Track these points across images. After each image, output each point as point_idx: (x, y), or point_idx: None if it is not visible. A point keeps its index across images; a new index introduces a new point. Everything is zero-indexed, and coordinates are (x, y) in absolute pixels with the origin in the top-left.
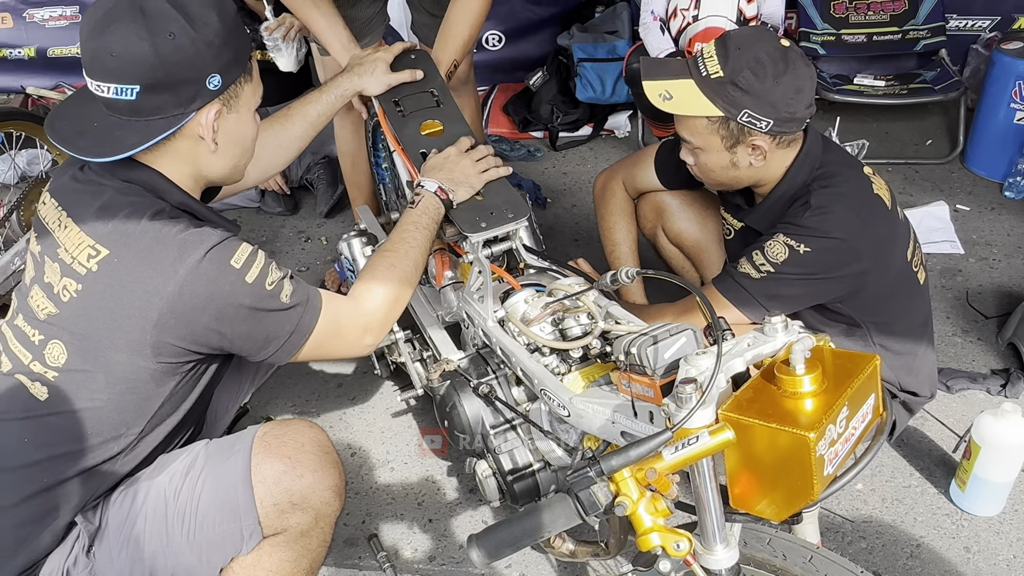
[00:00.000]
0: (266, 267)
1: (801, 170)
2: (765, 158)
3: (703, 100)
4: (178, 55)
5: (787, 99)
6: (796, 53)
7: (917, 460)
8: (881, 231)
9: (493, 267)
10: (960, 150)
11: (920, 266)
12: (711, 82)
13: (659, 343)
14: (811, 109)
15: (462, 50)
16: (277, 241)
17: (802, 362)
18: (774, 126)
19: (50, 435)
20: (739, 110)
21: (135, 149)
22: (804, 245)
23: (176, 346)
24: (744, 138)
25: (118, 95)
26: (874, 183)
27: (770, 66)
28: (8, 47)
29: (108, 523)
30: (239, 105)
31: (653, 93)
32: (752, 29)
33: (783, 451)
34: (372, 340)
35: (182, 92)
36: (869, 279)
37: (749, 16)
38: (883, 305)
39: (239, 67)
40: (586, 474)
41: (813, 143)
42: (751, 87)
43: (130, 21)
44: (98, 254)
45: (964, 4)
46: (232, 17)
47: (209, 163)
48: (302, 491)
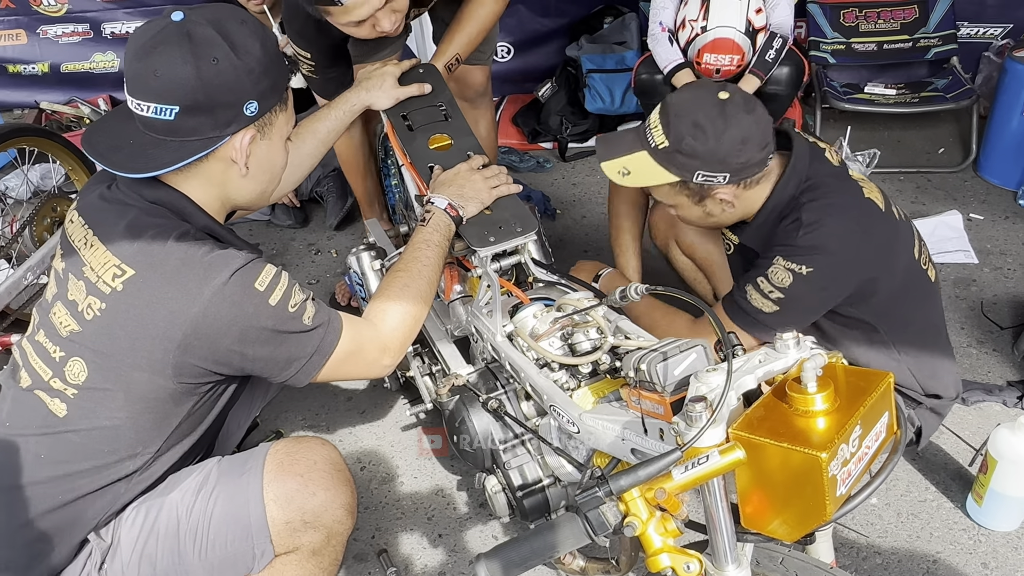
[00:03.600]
0: (289, 289)
1: (788, 186)
2: (736, 203)
3: (659, 169)
4: (219, 80)
5: (734, 152)
6: (735, 104)
7: (932, 474)
8: (879, 234)
9: (502, 281)
10: (973, 158)
11: (929, 263)
12: (660, 152)
13: (669, 359)
14: (767, 150)
15: (466, 47)
16: (287, 254)
17: (814, 380)
18: (731, 178)
19: (67, 452)
20: (692, 173)
21: (169, 167)
22: (805, 266)
23: (198, 367)
24: (708, 193)
25: (157, 114)
26: (864, 188)
27: (709, 127)
28: (22, 63)
29: (121, 540)
30: (272, 133)
31: (612, 171)
32: (689, 91)
33: (795, 471)
34: (391, 361)
35: (219, 116)
36: (879, 283)
37: (758, 26)
38: (898, 306)
39: (276, 96)
40: (595, 494)
41: (799, 157)
42: (695, 151)
43: (176, 44)
44: (123, 274)
45: (975, 11)
46: (274, 48)
47: (238, 187)
48: (314, 509)
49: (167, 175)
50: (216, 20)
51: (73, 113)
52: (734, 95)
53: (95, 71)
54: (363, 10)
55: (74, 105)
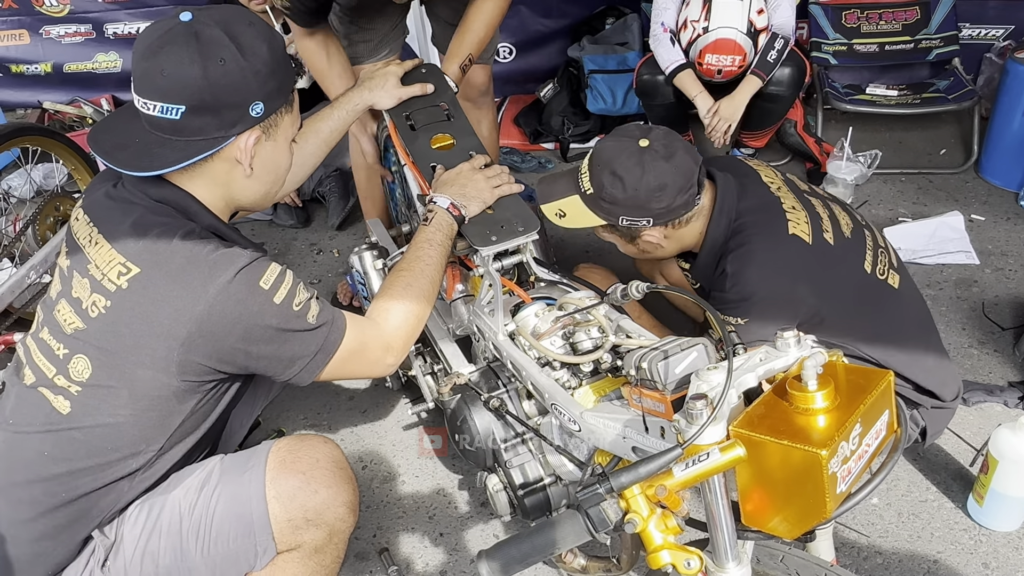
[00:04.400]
0: (294, 287)
1: (719, 226)
2: (666, 243)
3: (588, 213)
4: (226, 80)
5: (653, 198)
6: (654, 152)
7: (933, 474)
8: (807, 269)
9: (504, 280)
10: (974, 159)
11: (889, 270)
12: (588, 197)
13: (670, 358)
14: (689, 193)
15: (477, 46)
16: (289, 254)
17: (814, 378)
18: (655, 221)
19: (70, 449)
20: (616, 217)
21: (174, 166)
22: (740, 317)
23: (202, 365)
24: (637, 234)
25: (163, 113)
26: (790, 220)
27: (626, 176)
28: (25, 63)
29: (123, 537)
30: (277, 134)
31: (550, 213)
32: (613, 139)
33: (795, 468)
34: (394, 360)
35: (225, 116)
36: (823, 311)
37: (759, 27)
38: (855, 324)
39: (282, 98)
40: (596, 491)
41: (725, 196)
42: (616, 199)
43: (184, 44)
44: (129, 271)
45: (977, 13)
46: (281, 50)
47: (242, 187)
48: (316, 507)
49: (172, 174)
50: (224, 21)
51: (76, 113)
52: (654, 143)
53: (98, 71)
54: None
55: (77, 105)
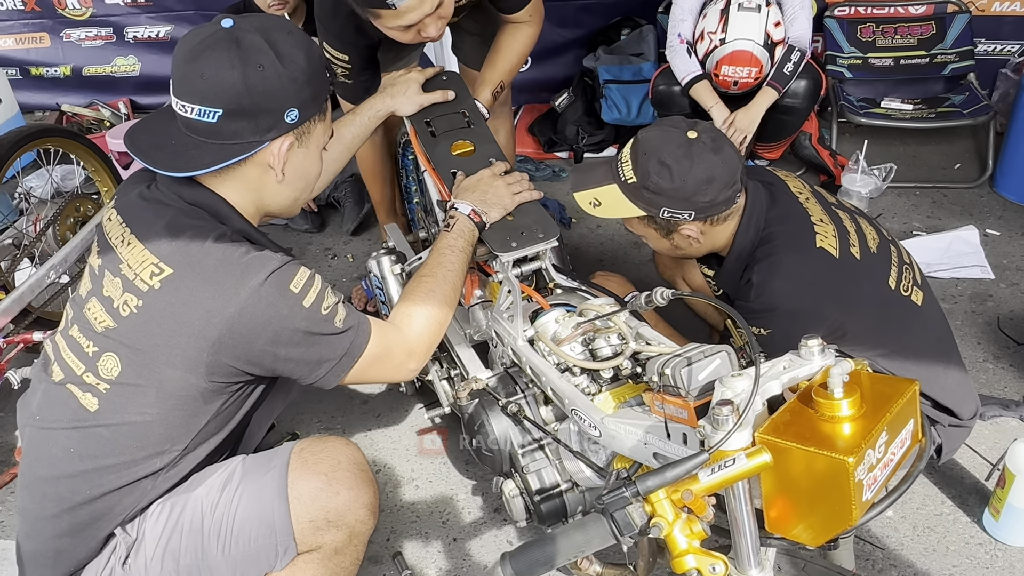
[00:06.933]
0: (323, 291)
1: (747, 234)
2: (702, 239)
3: (627, 203)
4: (264, 86)
5: (700, 191)
6: (702, 144)
7: (949, 488)
8: (832, 283)
9: (523, 286)
10: (989, 174)
11: (913, 287)
12: (629, 187)
13: (693, 364)
14: (733, 189)
15: (509, 74)
16: (304, 258)
17: (840, 386)
18: (697, 215)
19: (96, 447)
20: (658, 208)
21: (209, 168)
22: (763, 328)
23: (231, 366)
24: (675, 228)
25: (200, 116)
26: (818, 233)
27: (674, 166)
28: (45, 65)
29: (145, 535)
30: (310, 141)
31: (584, 202)
32: (659, 128)
33: (821, 475)
34: (416, 365)
35: (261, 121)
36: (847, 325)
37: (776, 40)
38: (877, 339)
39: (316, 106)
40: (622, 494)
41: (755, 204)
42: (661, 189)
43: (224, 50)
44: (161, 272)
45: (993, 28)
46: (318, 60)
47: (273, 192)
48: (338, 508)
49: (205, 177)
50: (264, 28)
51: (93, 116)
52: (702, 135)
53: (116, 75)
54: (414, 15)
55: (95, 108)
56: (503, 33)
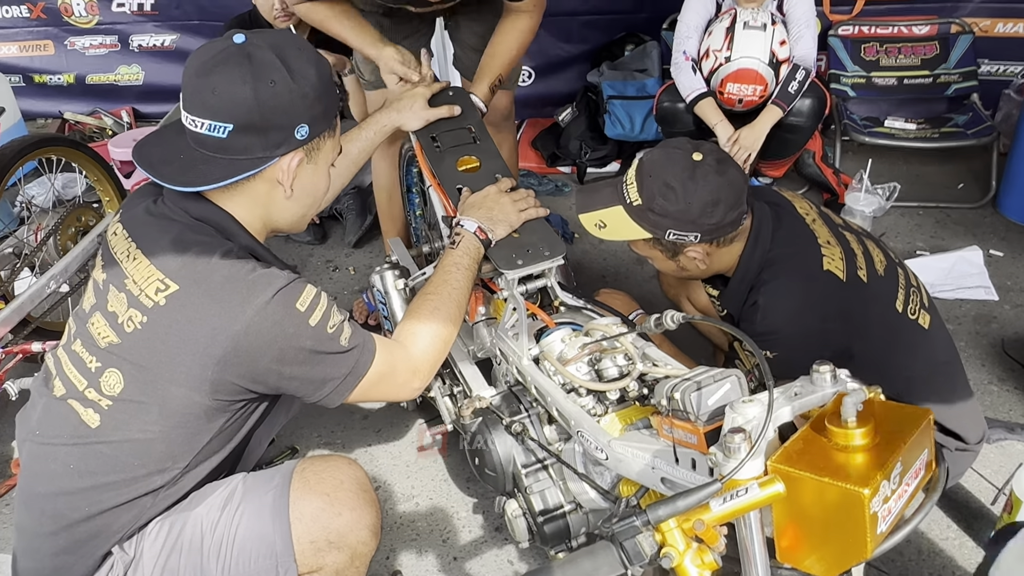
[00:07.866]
0: (328, 310)
1: (753, 256)
2: (708, 261)
3: (632, 225)
4: (275, 102)
5: (705, 213)
6: (708, 166)
7: (954, 512)
8: (839, 307)
9: (528, 304)
10: (992, 195)
11: (921, 310)
12: (634, 208)
13: (703, 389)
14: (738, 211)
15: (507, 67)
16: (305, 270)
17: (854, 415)
18: (703, 237)
19: (97, 463)
20: (664, 231)
21: (218, 183)
22: (769, 351)
23: (235, 384)
24: (680, 250)
25: (210, 131)
26: (825, 256)
27: (679, 188)
28: (48, 73)
29: (143, 554)
30: (319, 158)
31: (589, 224)
32: (663, 150)
33: (835, 506)
34: (420, 383)
35: (271, 137)
36: (853, 348)
37: (781, 58)
38: (884, 363)
39: (326, 122)
40: (632, 523)
41: (761, 225)
42: (667, 211)
43: (236, 65)
44: (167, 288)
45: (996, 49)
46: (328, 76)
47: (281, 209)
48: (339, 529)
49: (213, 193)
50: (276, 45)
51: (96, 124)
52: (707, 157)
53: (119, 83)
54: None
55: (97, 116)
56: (502, 24)
